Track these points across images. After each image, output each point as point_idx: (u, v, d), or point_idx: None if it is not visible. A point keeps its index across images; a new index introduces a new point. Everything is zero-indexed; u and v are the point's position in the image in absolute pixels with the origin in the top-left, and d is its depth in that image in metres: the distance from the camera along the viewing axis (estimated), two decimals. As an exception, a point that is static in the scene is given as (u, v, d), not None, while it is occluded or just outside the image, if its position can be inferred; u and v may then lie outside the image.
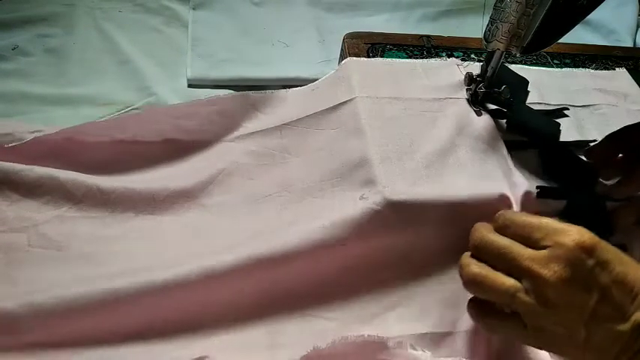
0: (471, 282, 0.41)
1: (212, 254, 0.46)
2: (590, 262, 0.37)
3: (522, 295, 0.38)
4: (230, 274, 0.46)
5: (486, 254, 0.41)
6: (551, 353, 0.42)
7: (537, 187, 0.51)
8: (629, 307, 0.36)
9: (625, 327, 0.36)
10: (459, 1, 0.90)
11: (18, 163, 0.52)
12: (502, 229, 0.42)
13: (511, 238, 0.40)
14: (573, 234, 0.38)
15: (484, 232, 0.42)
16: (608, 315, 0.37)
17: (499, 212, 0.44)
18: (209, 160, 0.57)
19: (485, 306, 0.42)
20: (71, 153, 0.54)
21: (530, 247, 0.39)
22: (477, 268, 0.41)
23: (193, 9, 0.81)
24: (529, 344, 0.40)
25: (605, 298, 0.37)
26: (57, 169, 0.52)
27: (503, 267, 0.40)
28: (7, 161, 0.51)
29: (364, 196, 0.47)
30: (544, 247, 0.38)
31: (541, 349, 0.41)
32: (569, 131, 0.59)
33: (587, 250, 0.37)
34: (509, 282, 0.39)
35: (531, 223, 0.40)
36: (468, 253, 0.43)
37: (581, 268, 0.37)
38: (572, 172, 0.53)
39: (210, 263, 0.45)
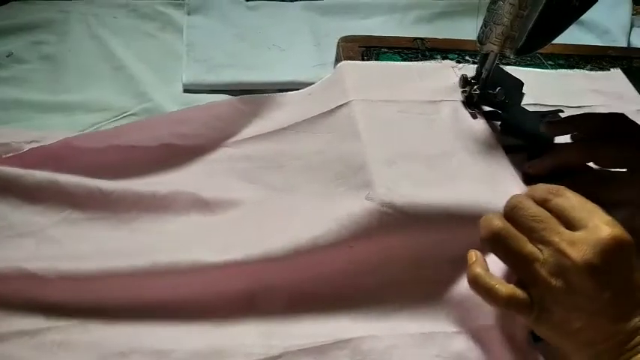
0: (493, 235, 0.40)
1: (216, 253, 0.46)
2: (620, 258, 0.37)
3: (538, 266, 0.38)
4: (230, 274, 0.46)
5: (519, 218, 0.40)
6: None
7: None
8: (631, 313, 0.36)
9: (621, 329, 0.36)
10: (454, 3, 0.90)
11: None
12: (541, 202, 0.41)
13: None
14: (612, 226, 0.37)
15: (523, 196, 0.41)
16: (611, 315, 0.37)
17: (539, 186, 0.43)
18: (206, 165, 0.57)
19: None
20: (69, 159, 0.54)
21: (564, 225, 0.39)
22: (501, 222, 0.40)
23: (188, 14, 0.81)
24: (528, 321, 0.40)
25: (616, 298, 0.37)
26: (56, 173, 0.52)
27: (530, 235, 0.39)
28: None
29: (369, 196, 0.47)
30: (578, 229, 0.38)
31: (534, 330, 0.41)
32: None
33: (621, 247, 0.37)
34: (531, 248, 0.39)
35: (574, 201, 0.39)
36: (493, 212, 0.42)
37: (609, 261, 0.36)
38: (565, 174, 0.53)
39: (213, 262, 0.45)
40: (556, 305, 0.38)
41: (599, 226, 0.37)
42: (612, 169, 0.51)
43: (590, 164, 0.52)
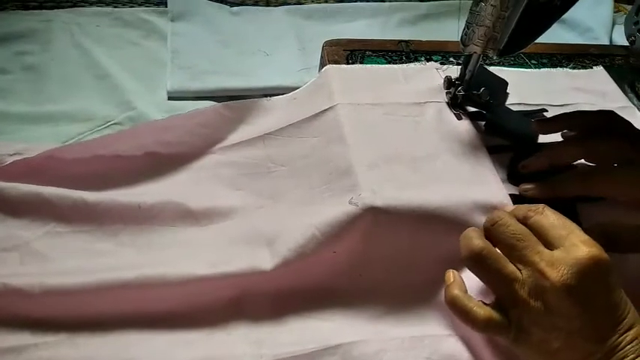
0: (474, 255, 0.40)
1: (204, 266, 0.46)
2: (597, 278, 0.37)
3: (518, 287, 0.38)
4: (217, 285, 0.46)
5: (500, 234, 0.40)
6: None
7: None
8: (609, 332, 0.37)
9: (599, 348, 0.36)
10: (436, 5, 0.90)
11: (-1, 182, 0.51)
12: (522, 219, 0.41)
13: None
14: (590, 245, 0.37)
15: (504, 212, 0.42)
16: (589, 334, 0.37)
17: (521, 206, 0.43)
18: (192, 172, 0.57)
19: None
20: (52, 170, 0.54)
21: (543, 243, 0.39)
22: (482, 242, 0.40)
23: (172, 21, 0.81)
24: (507, 342, 0.40)
25: (594, 318, 0.37)
26: (40, 186, 0.52)
27: (510, 253, 0.39)
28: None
29: (353, 201, 0.47)
30: (556, 247, 0.38)
31: (513, 349, 0.41)
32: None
33: (598, 266, 0.37)
34: (511, 268, 0.39)
35: (553, 219, 0.40)
36: (473, 228, 0.42)
37: (586, 281, 0.37)
38: (549, 174, 0.54)
39: (201, 274, 0.45)
40: (535, 326, 0.38)
41: (577, 245, 0.38)
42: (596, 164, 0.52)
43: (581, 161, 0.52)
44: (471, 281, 0.44)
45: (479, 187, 0.50)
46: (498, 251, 0.40)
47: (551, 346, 0.37)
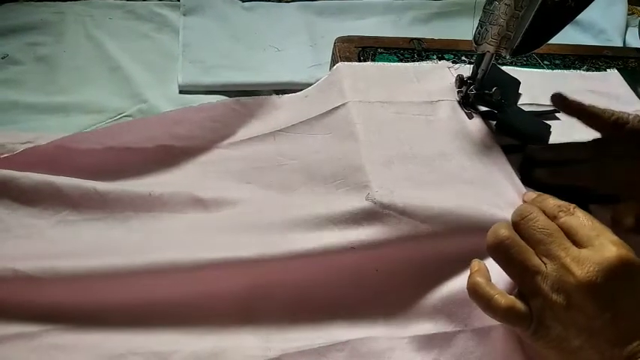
0: (499, 244, 0.40)
1: (214, 253, 0.46)
2: (624, 279, 0.36)
3: (541, 280, 0.38)
4: (227, 275, 0.46)
5: (528, 228, 0.40)
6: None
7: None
8: (632, 336, 0.36)
9: (619, 352, 0.36)
10: (449, 3, 0.90)
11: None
12: (551, 217, 0.41)
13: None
14: (620, 246, 0.37)
15: (534, 207, 0.42)
16: (610, 336, 0.36)
17: (551, 201, 0.43)
18: (202, 166, 0.57)
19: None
20: (64, 160, 0.54)
21: (572, 242, 0.39)
22: (508, 232, 0.40)
23: (184, 15, 0.81)
24: (526, 335, 0.40)
25: (616, 319, 0.36)
26: (52, 175, 0.52)
27: (537, 247, 0.39)
28: (0, 171, 0.51)
29: (369, 197, 0.47)
30: (585, 247, 0.38)
31: (531, 343, 0.40)
32: (560, 133, 0.59)
33: (626, 267, 0.36)
34: (536, 261, 0.39)
35: (583, 219, 0.40)
36: (502, 222, 0.42)
37: (612, 281, 0.36)
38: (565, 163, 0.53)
39: (211, 261, 0.45)
40: (555, 321, 0.38)
41: (606, 245, 0.37)
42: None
43: None
44: (495, 278, 0.44)
45: (494, 186, 0.50)
46: (524, 244, 0.40)
47: (571, 344, 0.37)
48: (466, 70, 0.59)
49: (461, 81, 0.57)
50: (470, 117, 0.56)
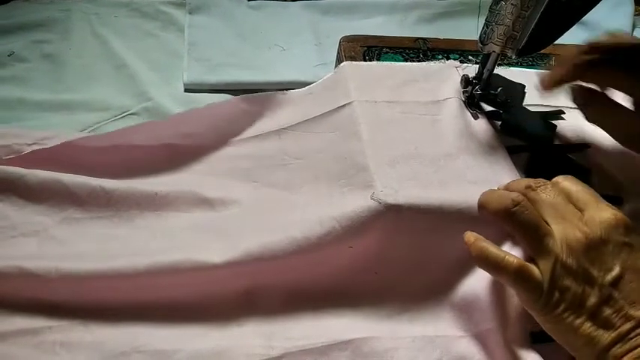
0: (513, 207, 0.40)
1: (218, 252, 0.46)
2: (623, 237, 0.38)
3: (551, 241, 0.39)
4: (230, 274, 0.46)
5: (538, 194, 0.41)
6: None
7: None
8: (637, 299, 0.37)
9: (634, 313, 0.36)
10: (455, 3, 0.90)
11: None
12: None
13: None
14: (615, 211, 0.39)
15: (538, 179, 0.43)
16: (629, 294, 0.37)
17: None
18: (208, 164, 0.57)
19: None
20: (70, 158, 0.54)
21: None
22: (520, 196, 0.41)
23: (189, 13, 0.81)
24: (536, 308, 0.39)
25: (618, 281, 0.37)
26: (59, 173, 0.52)
27: (546, 211, 0.41)
28: (7, 169, 0.52)
29: (374, 196, 0.46)
30: (584, 211, 0.40)
31: (542, 324, 0.40)
32: (566, 133, 0.59)
33: (625, 227, 0.38)
34: (547, 227, 0.40)
35: (580, 186, 0.42)
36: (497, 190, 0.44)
37: (614, 237, 0.38)
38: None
39: (215, 261, 0.45)
40: (569, 279, 0.38)
41: (605, 208, 0.39)
42: None
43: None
44: (481, 282, 0.44)
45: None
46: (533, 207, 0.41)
47: (587, 303, 0.37)
48: (472, 70, 0.59)
49: (466, 81, 0.57)
50: (475, 117, 0.56)
